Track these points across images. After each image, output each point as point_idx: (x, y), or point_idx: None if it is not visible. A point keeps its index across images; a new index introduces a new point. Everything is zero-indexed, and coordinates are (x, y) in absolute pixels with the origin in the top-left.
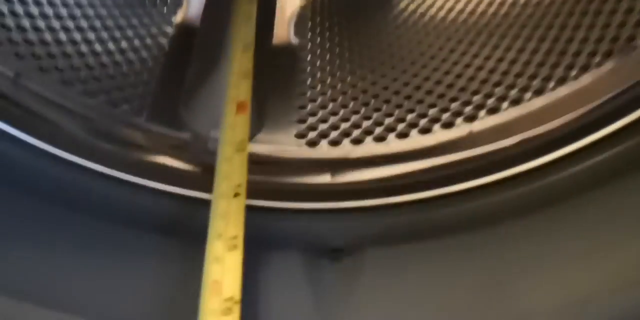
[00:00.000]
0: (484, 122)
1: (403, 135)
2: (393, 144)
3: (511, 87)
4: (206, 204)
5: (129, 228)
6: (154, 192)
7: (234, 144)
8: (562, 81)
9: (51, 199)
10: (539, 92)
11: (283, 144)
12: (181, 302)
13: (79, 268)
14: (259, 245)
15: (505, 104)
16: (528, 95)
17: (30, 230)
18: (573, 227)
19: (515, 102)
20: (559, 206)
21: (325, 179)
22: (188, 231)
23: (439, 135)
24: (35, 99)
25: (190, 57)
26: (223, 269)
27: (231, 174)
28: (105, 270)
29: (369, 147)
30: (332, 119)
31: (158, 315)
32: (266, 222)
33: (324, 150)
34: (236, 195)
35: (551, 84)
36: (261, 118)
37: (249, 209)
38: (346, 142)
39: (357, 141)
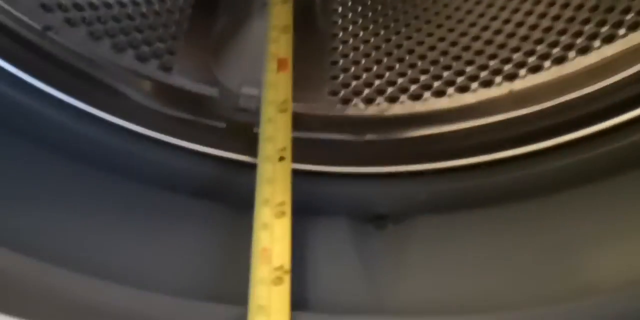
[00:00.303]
0: (526, 81)
1: (440, 93)
2: (430, 103)
3: (554, 44)
4: (244, 166)
5: (167, 191)
6: (180, 150)
7: (277, 103)
8: (609, 40)
9: (81, 158)
10: (583, 51)
11: (315, 101)
12: (229, 269)
13: (122, 234)
14: (301, 211)
15: (547, 63)
16: (572, 53)
17: (65, 192)
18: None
19: (559, 60)
20: (624, 175)
21: (361, 138)
22: (231, 195)
23: (477, 94)
24: (65, 54)
25: (218, 8)
26: (272, 237)
27: (275, 136)
28: (149, 236)
29: (405, 106)
30: (366, 76)
31: (206, 282)
32: (307, 187)
33: (358, 108)
34: (281, 159)
35: (597, 43)
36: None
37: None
38: (381, 99)
39: (393, 99)
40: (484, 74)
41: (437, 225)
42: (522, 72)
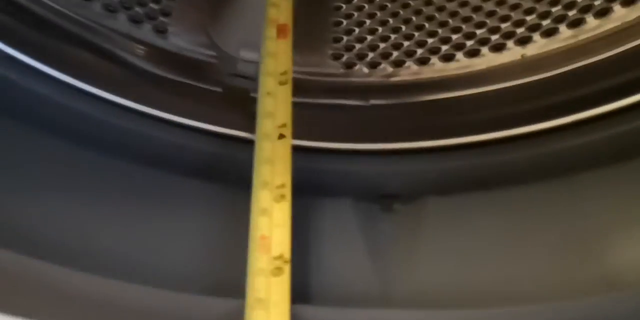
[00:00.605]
0: (539, 46)
1: (448, 57)
2: (438, 68)
3: (570, 6)
4: (242, 142)
5: (160, 170)
6: (174, 125)
7: (276, 75)
8: (629, 2)
9: (66, 135)
10: (602, 14)
11: (317, 66)
12: (226, 256)
13: (109, 218)
14: (302, 193)
15: (562, 27)
16: (589, 17)
17: (49, 171)
18: None
19: (575, 24)
20: None
21: (365, 103)
22: (229, 174)
23: (488, 59)
24: (56, 17)
25: None
26: (271, 223)
27: (275, 111)
28: (139, 220)
29: (412, 71)
30: (370, 38)
31: (201, 272)
32: (308, 166)
33: (362, 73)
34: (281, 136)
35: (617, 5)
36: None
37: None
38: (386, 64)
39: (398, 63)
40: (495, 38)
41: (449, 207)
42: (536, 36)
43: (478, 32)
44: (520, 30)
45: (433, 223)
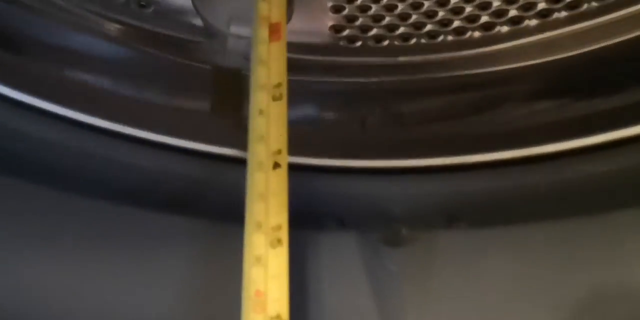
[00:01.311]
0: (561, 19)
1: (460, 32)
2: (448, 44)
3: None
4: (230, 161)
5: (126, 205)
6: (144, 144)
7: (269, 88)
8: None
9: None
10: None
11: (315, 40)
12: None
13: (62, 267)
14: (293, 225)
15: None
16: None
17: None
18: None
19: None
20: None
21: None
22: (215, 204)
23: (505, 34)
24: None
25: None
26: (266, 274)
27: (268, 135)
28: (101, 269)
29: (420, 47)
30: (375, 8)
31: None
32: (301, 190)
33: (365, 48)
34: (276, 166)
35: None
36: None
37: None
38: (392, 38)
39: (405, 37)
40: (512, 10)
41: (464, 242)
42: (558, 8)
43: (494, 2)
44: (540, 2)
45: (444, 262)
